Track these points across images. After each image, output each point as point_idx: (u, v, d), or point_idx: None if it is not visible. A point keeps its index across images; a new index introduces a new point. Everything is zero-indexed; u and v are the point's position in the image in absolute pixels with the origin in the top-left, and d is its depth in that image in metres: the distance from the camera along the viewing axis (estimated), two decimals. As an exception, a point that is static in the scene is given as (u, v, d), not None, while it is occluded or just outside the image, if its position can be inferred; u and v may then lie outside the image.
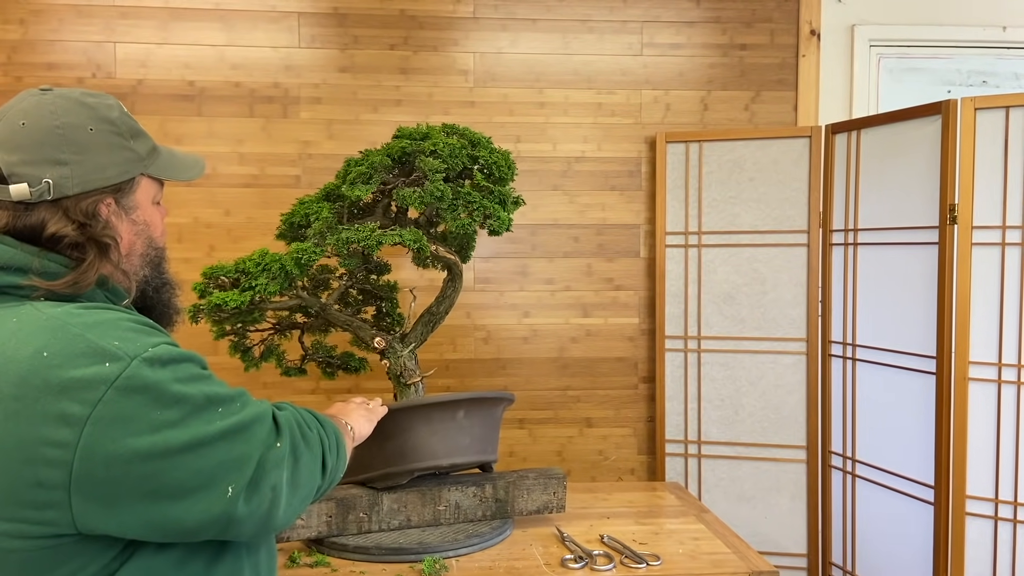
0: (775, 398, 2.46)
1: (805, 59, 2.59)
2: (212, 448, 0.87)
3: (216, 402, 0.89)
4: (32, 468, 0.82)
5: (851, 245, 2.33)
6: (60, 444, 0.81)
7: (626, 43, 2.56)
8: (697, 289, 2.51)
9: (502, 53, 2.51)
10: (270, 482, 0.92)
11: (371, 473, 1.70)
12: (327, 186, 1.87)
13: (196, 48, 2.42)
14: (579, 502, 1.98)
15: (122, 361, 0.84)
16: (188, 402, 0.86)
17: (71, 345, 0.84)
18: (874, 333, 2.27)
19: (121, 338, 0.86)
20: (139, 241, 1.02)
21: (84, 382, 0.82)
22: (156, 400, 0.84)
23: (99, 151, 0.97)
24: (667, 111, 2.57)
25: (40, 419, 0.82)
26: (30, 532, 0.83)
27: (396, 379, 1.86)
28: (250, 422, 0.92)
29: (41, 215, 0.93)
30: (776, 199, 2.44)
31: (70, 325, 0.87)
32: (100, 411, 0.81)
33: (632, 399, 2.60)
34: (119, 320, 0.90)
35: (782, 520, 2.46)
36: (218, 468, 0.87)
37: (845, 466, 2.36)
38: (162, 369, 0.86)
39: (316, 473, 1.03)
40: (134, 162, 1.01)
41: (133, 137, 1.02)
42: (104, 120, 0.99)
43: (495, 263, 2.54)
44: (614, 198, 2.57)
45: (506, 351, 2.55)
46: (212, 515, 0.87)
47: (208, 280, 1.75)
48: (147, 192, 1.03)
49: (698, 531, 1.78)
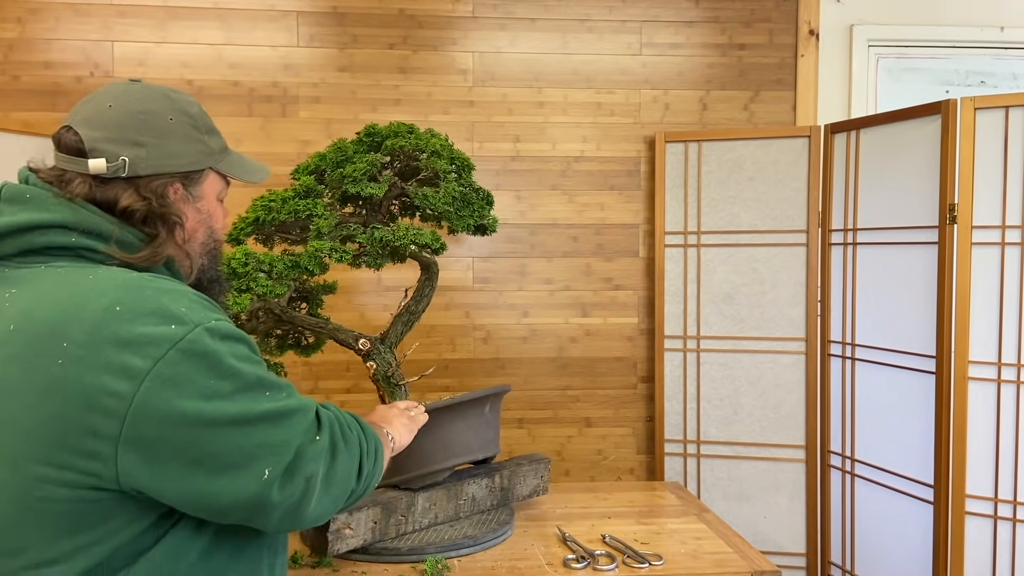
0: (774, 398, 2.46)
1: (804, 59, 2.60)
2: (255, 428, 0.89)
3: (265, 385, 0.92)
4: (89, 415, 0.84)
5: (850, 245, 2.33)
6: (118, 395, 0.84)
7: (625, 43, 2.55)
8: (696, 289, 2.51)
9: (501, 52, 2.51)
10: (305, 473, 0.93)
11: (409, 474, 1.68)
12: (304, 182, 1.78)
13: (194, 47, 2.41)
14: (580, 502, 1.97)
15: (187, 325, 0.87)
16: (240, 378, 0.90)
17: (144, 304, 0.88)
18: (873, 333, 2.27)
19: (189, 307, 0.90)
20: (201, 229, 1.07)
21: (150, 338, 0.86)
22: (211, 368, 0.87)
23: (175, 139, 1.03)
24: (666, 111, 2.57)
25: (103, 368, 0.84)
26: (74, 481, 0.85)
27: (386, 380, 1.80)
28: (294, 410, 0.94)
29: (116, 190, 0.98)
30: (775, 199, 2.44)
31: (145, 287, 0.91)
32: (160, 369, 0.85)
33: (631, 399, 2.60)
34: (189, 292, 0.95)
35: (781, 519, 2.46)
36: (258, 448, 0.89)
37: (844, 465, 2.36)
38: (221, 342, 0.89)
39: (351, 475, 1.03)
40: (205, 155, 1.06)
41: (208, 133, 1.08)
42: (184, 113, 1.05)
43: (494, 263, 2.53)
44: (613, 198, 2.57)
45: (505, 351, 2.55)
46: (246, 494, 0.89)
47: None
48: (213, 186, 1.09)
49: (699, 531, 1.78)
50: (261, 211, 1.73)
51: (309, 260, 1.65)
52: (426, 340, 2.50)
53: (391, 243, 1.68)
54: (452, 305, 2.52)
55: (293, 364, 2.46)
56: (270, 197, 1.74)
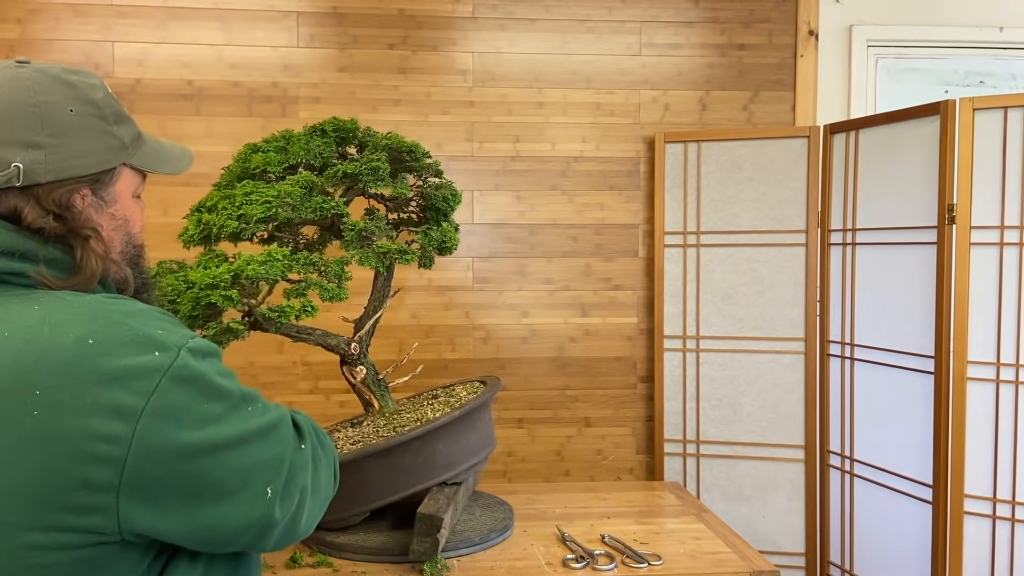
0: (773, 397, 2.47)
1: (803, 59, 2.60)
2: (251, 446, 0.84)
3: (248, 399, 0.87)
4: (79, 467, 0.74)
5: (849, 245, 2.33)
6: (112, 439, 0.75)
7: (625, 43, 2.56)
8: (696, 289, 2.51)
9: (501, 53, 2.51)
10: (298, 485, 0.90)
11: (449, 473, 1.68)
12: (304, 177, 1.65)
13: (194, 47, 2.41)
14: (579, 502, 1.98)
15: (170, 350, 0.79)
16: (228, 397, 0.83)
17: (117, 332, 0.79)
18: (872, 333, 2.27)
19: (163, 327, 0.82)
20: (117, 237, 0.93)
21: (136, 371, 0.77)
22: (202, 392, 0.80)
23: (78, 136, 0.87)
24: (666, 111, 2.58)
25: (89, 411, 0.74)
26: (69, 542, 0.75)
27: (376, 384, 1.78)
28: (277, 422, 0.90)
29: (12, 202, 0.84)
30: (774, 199, 2.45)
31: (110, 312, 0.81)
32: (155, 401, 0.76)
33: (631, 399, 2.61)
34: (151, 310, 0.85)
35: (780, 519, 2.47)
36: (256, 468, 0.84)
37: (843, 465, 2.36)
38: (204, 361, 0.82)
39: (331, 480, 1.00)
40: (116, 150, 0.91)
41: (118, 122, 0.92)
42: (87, 101, 0.89)
43: (493, 263, 2.54)
44: (613, 198, 2.57)
45: (505, 351, 2.55)
46: (252, 518, 0.84)
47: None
48: (129, 184, 0.94)
49: (698, 530, 1.78)
50: (279, 208, 1.58)
51: (377, 261, 1.62)
52: (425, 340, 2.50)
53: (442, 243, 1.68)
54: (452, 305, 2.53)
55: (293, 364, 2.47)
56: (285, 192, 1.58)
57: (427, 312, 2.51)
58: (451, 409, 1.72)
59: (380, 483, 1.63)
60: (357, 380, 1.74)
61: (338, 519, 1.66)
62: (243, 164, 1.72)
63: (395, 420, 1.75)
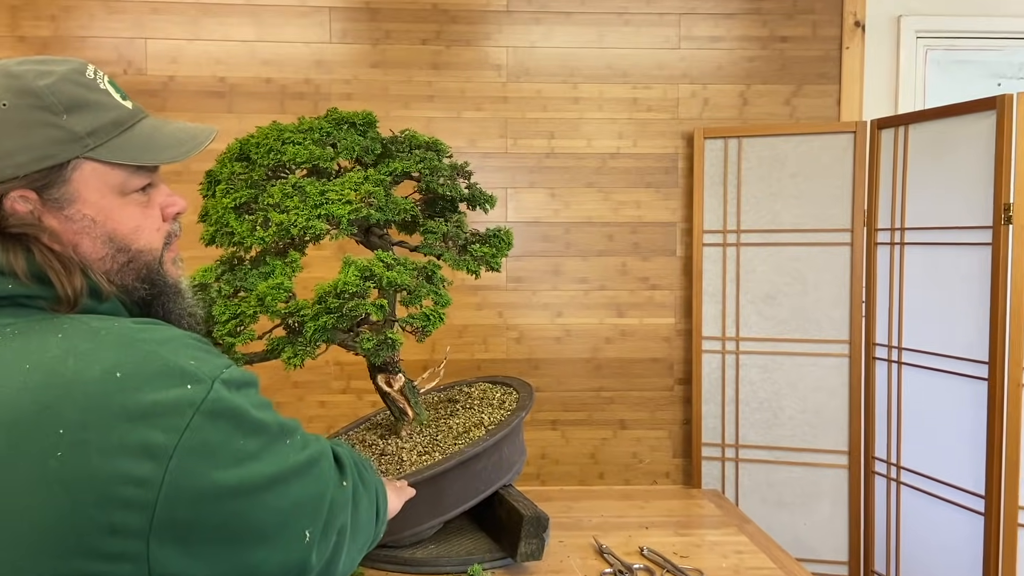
0: (816, 401, 2.39)
1: (849, 51, 2.51)
2: (290, 485, 0.77)
3: (286, 432, 0.80)
4: (105, 511, 0.68)
5: (897, 245, 2.25)
6: (141, 481, 0.68)
7: (663, 36, 2.49)
8: (735, 289, 2.44)
9: (535, 47, 2.46)
10: (337, 526, 0.83)
11: (509, 474, 1.68)
12: (365, 175, 1.55)
13: (227, 44, 2.39)
14: (615, 510, 1.92)
15: (203, 383, 0.72)
16: (265, 431, 0.76)
17: (147, 364, 0.72)
18: (921, 336, 2.19)
19: (196, 357, 0.75)
20: (87, 242, 0.82)
21: (168, 406, 0.70)
22: (238, 427, 0.74)
23: (6, 131, 0.78)
24: (705, 106, 2.50)
25: (117, 451, 0.68)
26: None
27: (412, 392, 1.68)
28: (318, 457, 0.82)
29: None
30: (818, 196, 2.37)
31: (140, 341, 0.74)
32: (187, 440, 0.70)
33: (668, 401, 2.55)
34: (184, 337, 0.78)
35: (822, 527, 2.40)
36: (296, 509, 0.78)
37: (889, 472, 2.28)
38: (239, 393, 0.75)
39: (372, 520, 0.94)
40: (63, 144, 0.80)
41: (69, 111, 0.80)
42: (25, 92, 0.79)
43: (527, 262, 2.49)
44: (650, 195, 2.51)
45: (538, 351, 2.50)
46: (289, 564, 0.77)
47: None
48: (99, 180, 0.82)
49: (740, 543, 1.72)
50: (366, 208, 1.47)
51: (476, 266, 1.56)
52: (458, 340, 2.46)
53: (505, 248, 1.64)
54: (485, 305, 2.48)
55: (325, 364, 2.45)
56: (366, 191, 1.49)
57: (459, 312, 2.47)
58: (502, 413, 1.71)
59: (457, 492, 1.60)
60: (394, 389, 1.67)
61: (414, 533, 1.62)
62: (274, 156, 1.63)
63: (434, 428, 1.70)
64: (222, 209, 1.64)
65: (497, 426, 1.65)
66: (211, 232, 1.58)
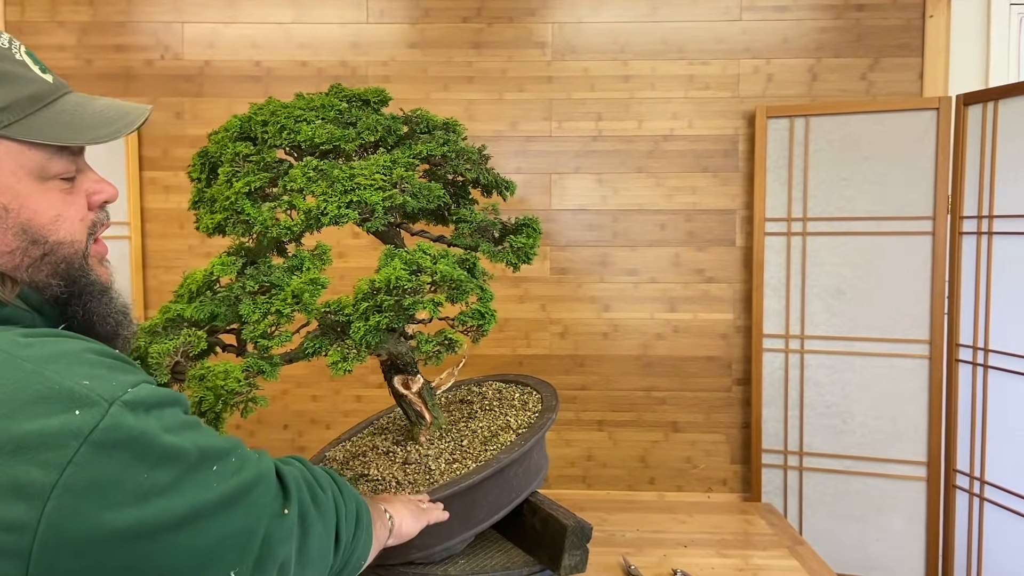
0: (890, 407, 2.17)
1: (933, 20, 2.26)
2: (211, 520, 0.66)
3: (211, 457, 0.68)
4: None
5: (985, 234, 2.00)
6: (13, 526, 0.59)
7: (723, 7, 2.29)
8: (800, 282, 2.24)
9: (583, 23, 2.30)
10: (277, 560, 0.71)
11: (536, 481, 1.57)
12: (394, 159, 1.43)
13: (263, 27, 2.32)
14: (654, 524, 1.76)
15: (97, 407, 0.62)
16: (180, 458, 0.65)
17: (25, 387, 0.62)
18: (1012, 337, 1.94)
19: (91, 376, 0.64)
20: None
21: (47, 437, 0.60)
22: (142, 457, 0.63)
23: None
24: (769, 82, 2.30)
25: None
26: None
27: (430, 394, 1.57)
28: (252, 483, 0.71)
29: None
30: (896, 181, 2.14)
31: (20, 359, 0.64)
32: (70, 476, 0.59)
33: (725, 403, 2.36)
34: (82, 352, 0.67)
35: (896, 543, 2.17)
36: (218, 547, 0.66)
37: (972, 487, 2.05)
38: (146, 416, 0.64)
39: (328, 549, 0.82)
40: None
41: None
42: None
43: (573, 252, 2.34)
44: (707, 180, 2.32)
45: (584, 347, 2.35)
46: None
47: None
48: (13, 161, 0.72)
49: (790, 567, 1.53)
50: (401, 195, 1.36)
51: (516, 259, 1.46)
52: (499, 335, 2.34)
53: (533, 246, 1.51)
54: (527, 297, 2.35)
55: (361, 357, 2.36)
56: (398, 176, 1.37)
57: (500, 304, 2.34)
58: (528, 415, 1.57)
59: (491, 502, 1.47)
60: (412, 391, 1.53)
61: (445, 548, 1.50)
62: (288, 136, 1.51)
63: (456, 432, 1.58)
64: (233, 195, 1.55)
65: (529, 429, 1.51)
66: (218, 220, 1.48)
